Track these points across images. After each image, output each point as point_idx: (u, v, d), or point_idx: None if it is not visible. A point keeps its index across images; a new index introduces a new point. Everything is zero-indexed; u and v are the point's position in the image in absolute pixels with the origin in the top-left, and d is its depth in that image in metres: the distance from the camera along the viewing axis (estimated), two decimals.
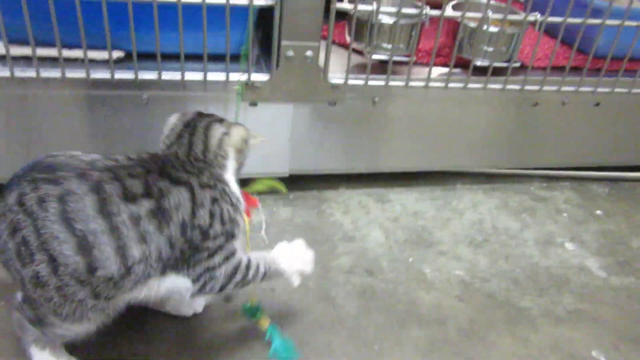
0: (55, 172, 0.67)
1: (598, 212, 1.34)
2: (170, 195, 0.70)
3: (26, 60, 1.02)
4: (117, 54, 1.06)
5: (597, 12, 1.14)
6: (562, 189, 1.42)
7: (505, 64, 1.18)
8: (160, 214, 0.69)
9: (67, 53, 1.01)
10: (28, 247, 0.65)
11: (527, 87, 1.19)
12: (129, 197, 0.67)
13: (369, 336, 0.92)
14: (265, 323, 0.87)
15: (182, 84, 1.06)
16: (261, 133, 0.89)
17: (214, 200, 0.74)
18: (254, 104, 1.12)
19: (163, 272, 0.71)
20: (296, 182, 1.26)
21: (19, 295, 0.74)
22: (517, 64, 1.23)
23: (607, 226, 1.29)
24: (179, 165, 0.75)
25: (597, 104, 1.31)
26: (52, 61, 1.01)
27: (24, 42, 1.02)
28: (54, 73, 1.00)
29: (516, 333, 0.96)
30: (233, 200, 0.78)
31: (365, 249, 1.12)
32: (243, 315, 0.91)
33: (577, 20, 1.10)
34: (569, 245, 1.21)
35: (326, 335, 0.91)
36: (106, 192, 0.67)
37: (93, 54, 1.04)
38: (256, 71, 1.09)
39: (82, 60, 1.01)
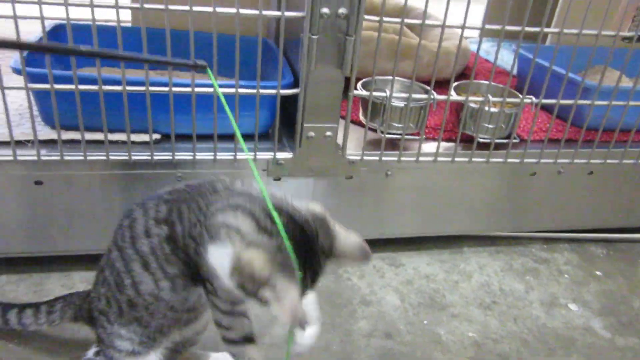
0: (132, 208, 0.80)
1: (598, 272, 1.43)
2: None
3: (71, 143, 1.13)
4: (155, 136, 1.17)
5: (587, 90, 1.27)
6: (561, 250, 1.51)
7: (505, 140, 1.30)
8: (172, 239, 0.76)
9: (110, 136, 1.12)
10: (120, 275, 0.78)
11: (526, 160, 1.30)
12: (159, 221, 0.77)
13: None
14: None
15: (215, 161, 1.16)
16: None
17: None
18: (277, 179, 1.22)
19: (193, 282, 0.78)
20: None
21: (90, 353, 0.82)
22: (516, 140, 1.34)
23: (607, 286, 1.37)
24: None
25: (591, 173, 1.42)
26: (95, 144, 1.12)
27: (69, 127, 1.14)
28: (99, 155, 1.10)
29: None
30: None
31: (383, 313, 1.20)
32: None
33: (569, 102, 1.23)
34: (572, 306, 1.29)
35: None
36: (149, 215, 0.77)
37: (133, 137, 1.15)
38: (280, 149, 1.20)
39: (123, 142, 1.12)
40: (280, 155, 1.19)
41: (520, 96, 1.23)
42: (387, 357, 1.08)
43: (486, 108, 1.24)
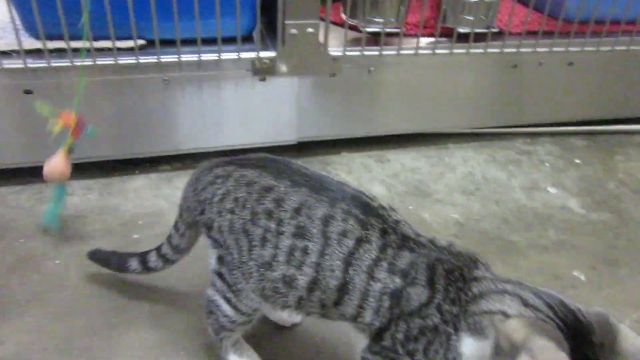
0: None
1: (577, 160, 1.49)
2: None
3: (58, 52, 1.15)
4: (140, 42, 1.18)
5: None
6: (543, 143, 1.56)
7: (485, 30, 1.32)
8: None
9: (95, 44, 1.14)
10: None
11: (506, 50, 1.33)
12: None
13: None
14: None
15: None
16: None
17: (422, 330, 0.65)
18: (262, 79, 1.25)
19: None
20: (303, 149, 1.40)
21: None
22: (496, 30, 1.36)
23: (585, 172, 1.44)
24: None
25: (570, 64, 1.45)
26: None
27: (53, 37, 1.15)
28: (87, 62, 1.12)
29: (507, 260, 1.11)
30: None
31: None
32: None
33: None
34: (551, 190, 1.35)
35: None
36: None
37: (119, 44, 1.16)
38: (264, 49, 1.22)
39: (110, 50, 1.14)
40: (264, 54, 1.21)
41: None
42: None
43: None
